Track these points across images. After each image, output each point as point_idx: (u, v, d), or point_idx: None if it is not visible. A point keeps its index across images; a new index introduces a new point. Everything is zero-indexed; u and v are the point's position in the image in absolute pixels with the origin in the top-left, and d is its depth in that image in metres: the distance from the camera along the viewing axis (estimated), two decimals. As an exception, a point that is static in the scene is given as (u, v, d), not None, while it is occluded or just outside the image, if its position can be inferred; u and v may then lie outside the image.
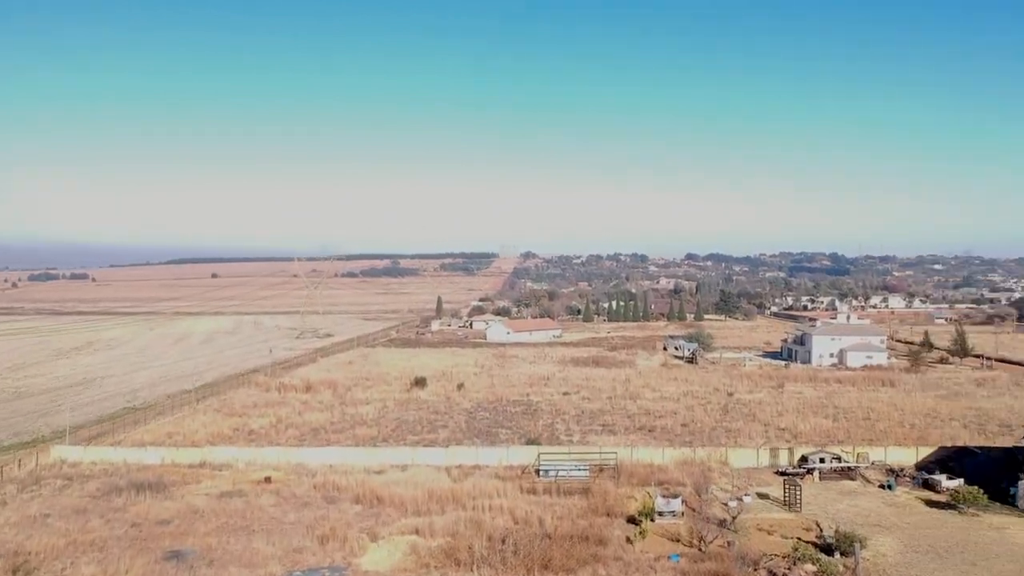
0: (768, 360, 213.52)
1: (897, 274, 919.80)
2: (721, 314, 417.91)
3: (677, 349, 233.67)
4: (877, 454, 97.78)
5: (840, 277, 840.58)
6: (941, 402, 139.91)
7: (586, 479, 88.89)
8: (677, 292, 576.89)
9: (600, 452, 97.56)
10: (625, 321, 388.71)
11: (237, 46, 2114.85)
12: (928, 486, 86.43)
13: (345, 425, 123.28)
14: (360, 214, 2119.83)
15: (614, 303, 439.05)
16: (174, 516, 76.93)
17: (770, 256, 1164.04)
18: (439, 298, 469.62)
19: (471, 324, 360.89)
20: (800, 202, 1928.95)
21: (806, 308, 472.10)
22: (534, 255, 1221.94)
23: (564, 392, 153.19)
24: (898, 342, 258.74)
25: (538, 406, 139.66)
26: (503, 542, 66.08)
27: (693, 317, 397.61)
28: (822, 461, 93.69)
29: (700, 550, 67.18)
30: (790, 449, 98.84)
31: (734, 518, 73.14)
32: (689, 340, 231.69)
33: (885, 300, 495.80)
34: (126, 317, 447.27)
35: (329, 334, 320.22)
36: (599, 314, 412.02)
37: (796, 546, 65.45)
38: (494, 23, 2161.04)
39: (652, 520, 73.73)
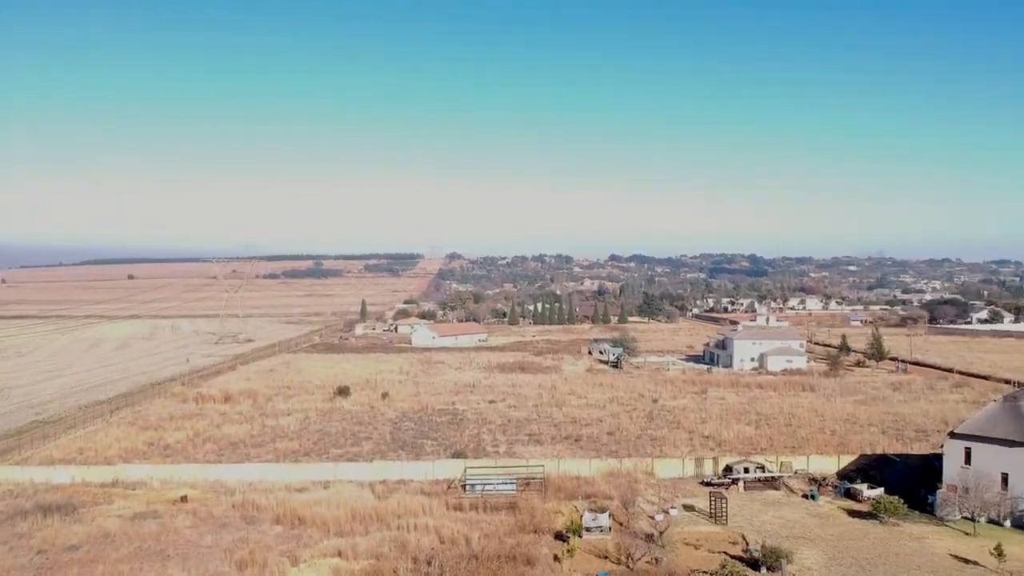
0: (691, 364, 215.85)
1: (813, 275, 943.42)
2: (644, 316, 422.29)
3: (602, 353, 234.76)
4: (800, 463, 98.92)
5: (759, 278, 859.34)
6: (860, 407, 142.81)
7: (513, 493, 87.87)
8: (601, 294, 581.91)
9: (527, 465, 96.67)
10: (550, 324, 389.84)
11: (149, 40, 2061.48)
12: (850, 495, 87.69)
13: (265, 438, 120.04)
14: (282, 214, 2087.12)
15: (539, 305, 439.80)
16: (84, 541, 73.47)
17: (691, 257, 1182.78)
18: (363, 301, 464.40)
19: (396, 328, 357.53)
20: (720, 204, 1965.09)
21: (726, 310, 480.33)
22: (459, 256, 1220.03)
23: (490, 400, 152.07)
24: (816, 344, 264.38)
25: (464, 415, 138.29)
26: (429, 564, 64.72)
27: (617, 320, 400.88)
28: (746, 471, 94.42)
29: (628, 567, 66.71)
30: (715, 459, 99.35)
31: (661, 533, 72.87)
32: (614, 345, 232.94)
33: (803, 302, 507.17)
34: (36, 321, 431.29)
35: (250, 339, 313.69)
36: (524, 317, 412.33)
37: (724, 563, 65.40)
38: (419, 24, 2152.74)
39: (580, 536, 73.07)
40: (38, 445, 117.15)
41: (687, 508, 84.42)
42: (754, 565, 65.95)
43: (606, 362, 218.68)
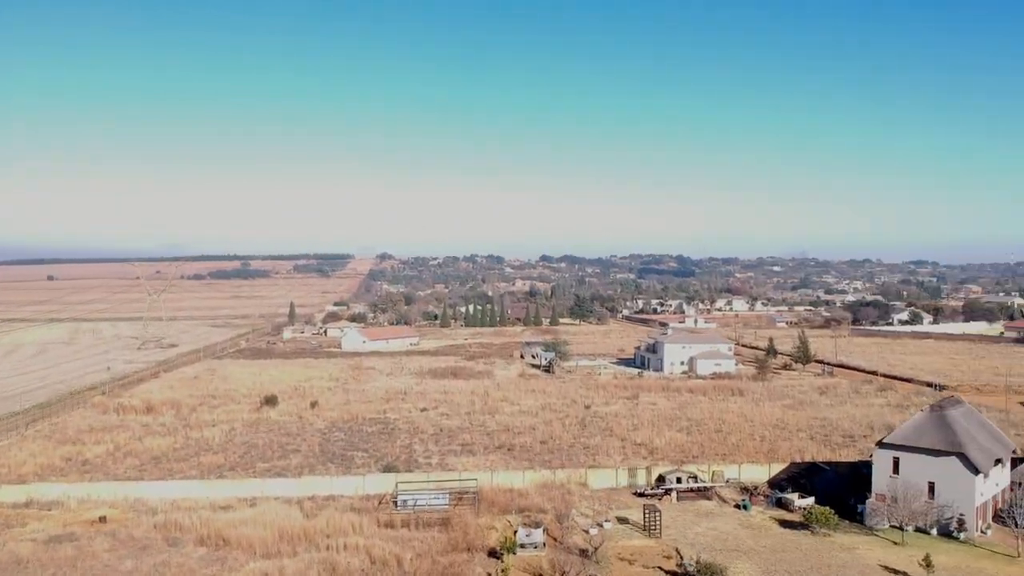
0: (622, 368, 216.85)
1: (739, 275, 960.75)
2: (576, 318, 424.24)
3: (534, 357, 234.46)
4: (732, 471, 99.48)
5: (687, 279, 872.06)
6: (788, 412, 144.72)
7: (446, 509, 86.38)
8: (533, 295, 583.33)
9: (460, 478, 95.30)
10: (482, 326, 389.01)
11: (84, 42, 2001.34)
12: (782, 505, 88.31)
13: (189, 452, 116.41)
14: (208, 212, 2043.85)
15: (471, 307, 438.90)
16: (-7, 569, 69.96)
17: (621, 258, 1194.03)
18: (292, 304, 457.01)
19: (326, 331, 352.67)
20: (648, 204, 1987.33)
21: (656, 311, 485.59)
22: (390, 256, 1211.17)
23: (422, 408, 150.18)
24: (744, 347, 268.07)
25: (395, 424, 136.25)
26: (360, 588, 62.96)
27: (549, 322, 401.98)
28: (679, 481, 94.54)
29: (563, 586, 65.91)
30: (648, 468, 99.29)
31: (596, 549, 72.25)
32: (546, 348, 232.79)
33: (729, 303, 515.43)
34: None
35: (174, 344, 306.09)
36: (456, 319, 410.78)
37: (658, 580, 65.06)
38: (346, 22, 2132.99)
39: (513, 553, 72.07)
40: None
41: (621, 520, 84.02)
42: (689, 581, 65.72)
43: (538, 366, 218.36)
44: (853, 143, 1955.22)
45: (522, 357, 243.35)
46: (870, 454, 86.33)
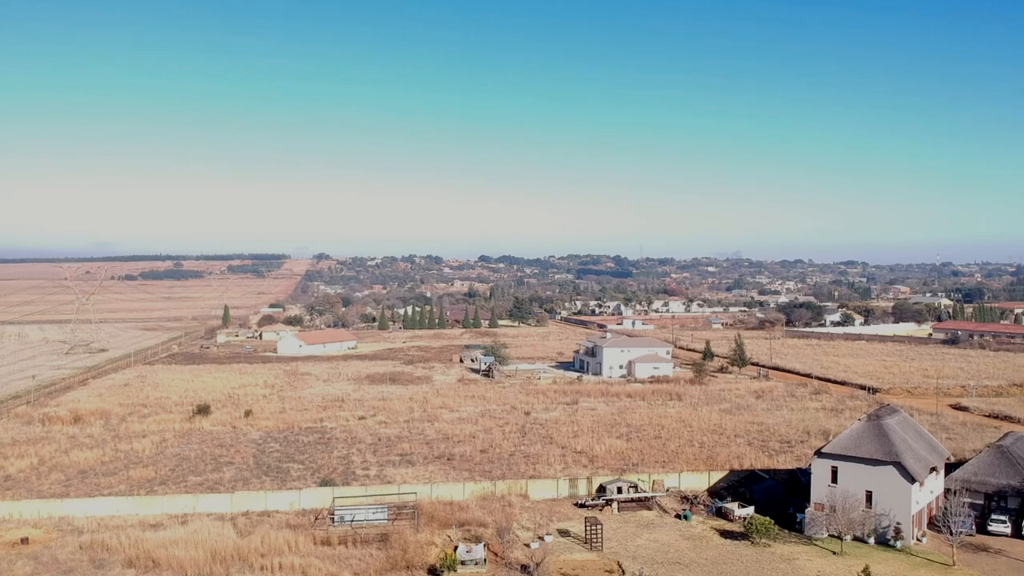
0: (562, 372, 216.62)
1: (675, 276, 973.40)
2: (515, 320, 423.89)
3: (473, 361, 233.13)
4: (672, 480, 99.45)
5: (624, 279, 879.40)
6: (726, 416, 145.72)
7: (385, 524, 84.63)
8: (471, 296, 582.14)
9: (399, 492, 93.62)
10: (421, 329, 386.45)
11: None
12: (722, 515, 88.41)
13: (118, 465, 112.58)
14: (140, 210, 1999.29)
15: (410, 309, 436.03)
16: (-95, 599, 66.39)
17: (559, 258, 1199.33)
18: (226, 307, 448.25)
19: (261, 335, 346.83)
20: (585, 204, 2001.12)
21: (594, 313, 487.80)
22: (327, 257, 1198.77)
23: (360, 416, 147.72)
24: (681, 349, 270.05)
25: (333, 433, 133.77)
26: (295, 612, 61.00)
27: (488, 324, 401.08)
28: (620, 491, 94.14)
29: (505, 605, 64.80)
30: (589, 478, 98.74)
31: (537, 565, 71.36)
32: (486, 353, 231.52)
33: (666, 304, 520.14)
34: None
35: (103, 349, 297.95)
36: (395, 321, 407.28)
37: (601, 597, 64.32)
38: (275, 21, 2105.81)
39: (454, 571, 70.71)
40: None
41: (562, 533, 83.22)
42: (631, 597, 65.11)
43: (478, 371, 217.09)
44: (786, 145, 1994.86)
45: (461, 361, 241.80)
46: (808, 463, 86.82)
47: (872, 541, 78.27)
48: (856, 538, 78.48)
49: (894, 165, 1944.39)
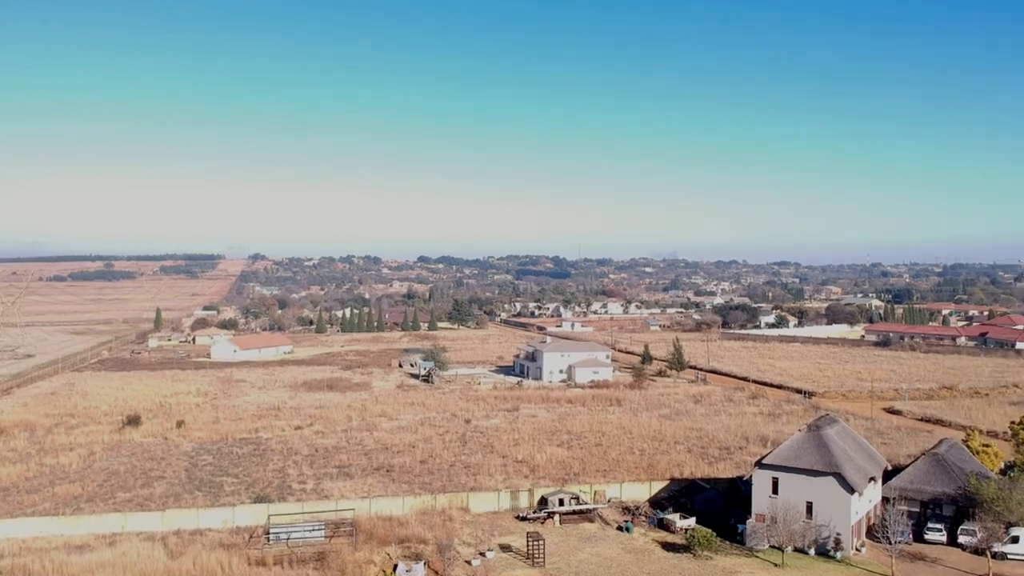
0: (502, 377, 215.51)
1: (613, 276, 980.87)
2: (454, 323, 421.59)
3: (413, 366, 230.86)
4: (613, 490, 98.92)
5: (563, 280, 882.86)
6: (665, 422, 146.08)
7: (322, 542, 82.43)
8: (411, 298, 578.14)
9: (336, 508, 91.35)
10: (359, 332, 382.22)
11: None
12: (663, 526, 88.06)
13: (43, 482, 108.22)
14: (70, 209, 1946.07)
15: (348, 311, 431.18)
16: None
17: (498, 259, 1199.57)
18: (158, 310, 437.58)
19: (194, 339, 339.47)
20: (525, 204, 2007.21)
21: (533, 315, 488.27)
22: (263, 257, 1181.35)
23: (296, 426, 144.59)
24: (620, 352, 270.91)
25: (268, 444, 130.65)
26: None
27: (427, 327, 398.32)
28: (561, 503, 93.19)
29: (446, 627, 63.35)
30: (530, 490, 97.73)
31: (479, 583, 70.07)
32: (425, 358, 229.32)
33: (605, 306, 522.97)
34: None
35: (29, 354, 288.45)
36: (332, 324, 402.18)
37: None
38: (191, 20, 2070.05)
39: (394, 591, 69.11)
40: None
41: (504, 548, 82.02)
42: (575, 617, 64.15)
43: (417, 376, 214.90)
44: (721, 145, 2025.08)
45: (400, 366, 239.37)
46: (749, 475, 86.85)
47: (812, 552, 78.57)
48: (797, 549, 78.70)
49: (825, 166, 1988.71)
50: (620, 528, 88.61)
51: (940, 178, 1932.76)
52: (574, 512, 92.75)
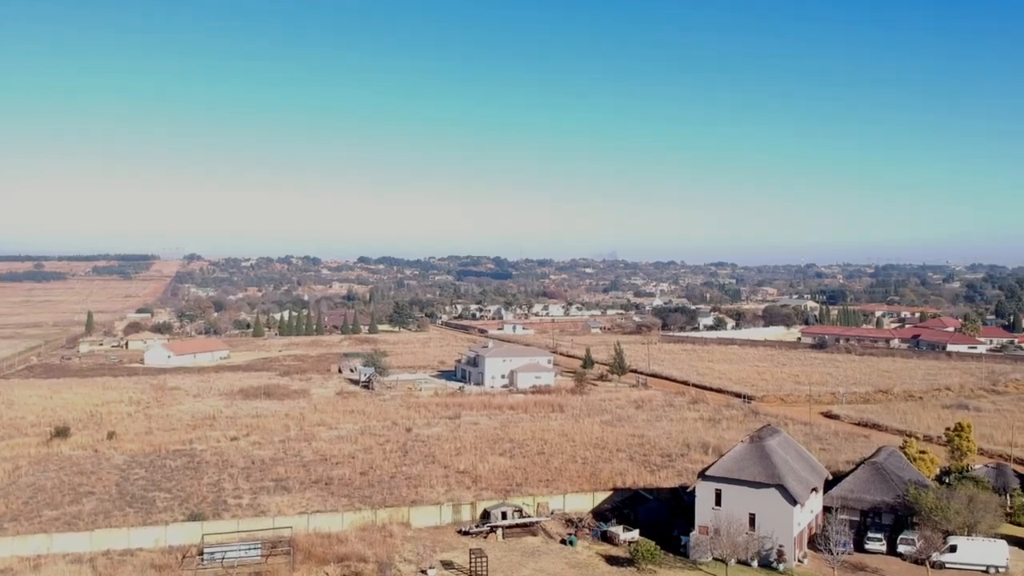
0: (443, 382, 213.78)
1: (554, 277, 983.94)
2: (395, 325, 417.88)
3: (353, 371, 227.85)
4: (556, 502, 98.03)
5: (504, 281, 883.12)
6: (607, 428, 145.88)
7: (258, 561, 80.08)
8: (351, 299, 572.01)
9: (273, 525, 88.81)
10: (298, 335, 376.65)
11: None
12: (607, 539, 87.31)
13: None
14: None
15: (286, 314, 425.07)
16: None
17: (439, 259, 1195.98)
18: (90, 313, 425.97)
19: (127, 344, 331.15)
20: (466, 204, 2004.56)
21: (475, 317, 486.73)
22: (199, 257, 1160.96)
23: (232, 437, 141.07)
24: (562, 355, 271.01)
25: (203, 457, 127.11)
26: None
27: (368, 330, 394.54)
28: (504, 516, 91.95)
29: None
30: (472, 503, 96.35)
31: (421, 604, 68.52)
32: (365, 363, 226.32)
33: (546, 308, 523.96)
34: None
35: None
36: (270, 327, 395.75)
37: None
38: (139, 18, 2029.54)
39: (333, 614, 67.20)
40: None
41: (446, 565, 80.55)
42: (519, 638, 63.02)
43: (357, 382, 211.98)
44: (658, 146, 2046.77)
45: (340, 371, 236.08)
46: (692, 485, 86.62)
47: (756, 564, 78.54)
48: (740, 561, 78.56)
49: (760, 168, 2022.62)
50: (564, 541, 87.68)
51: (873, 179, 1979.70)
52: (517, 525, 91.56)
